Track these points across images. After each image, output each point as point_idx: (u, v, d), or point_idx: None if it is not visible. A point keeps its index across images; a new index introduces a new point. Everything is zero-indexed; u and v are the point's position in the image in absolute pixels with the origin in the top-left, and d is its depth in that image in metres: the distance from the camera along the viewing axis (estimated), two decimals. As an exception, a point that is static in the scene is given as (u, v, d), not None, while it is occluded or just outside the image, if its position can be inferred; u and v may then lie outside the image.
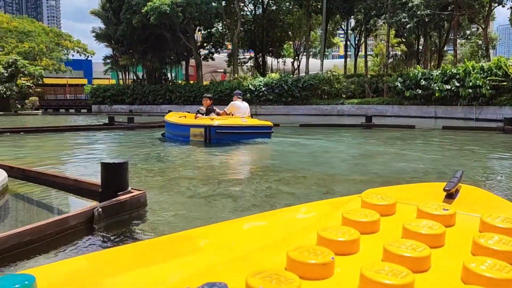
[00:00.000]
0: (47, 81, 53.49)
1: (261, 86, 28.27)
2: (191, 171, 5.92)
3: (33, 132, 12.10)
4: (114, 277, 0.80)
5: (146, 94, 33.96)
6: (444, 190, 1.09)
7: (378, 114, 23.05)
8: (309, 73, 30.50)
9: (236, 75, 31.87)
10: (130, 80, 38.29)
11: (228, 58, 41.60)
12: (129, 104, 34.23)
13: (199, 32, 40.32)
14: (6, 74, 31.29)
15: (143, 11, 28.12)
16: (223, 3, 35.07)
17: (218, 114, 9.79)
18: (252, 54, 43.64)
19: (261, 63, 40.65)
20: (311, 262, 0.67)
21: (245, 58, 46.58)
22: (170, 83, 35.97)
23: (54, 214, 3.85)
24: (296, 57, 41.40)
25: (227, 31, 37.63)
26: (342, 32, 40.18)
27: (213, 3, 31.04)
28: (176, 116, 10.84)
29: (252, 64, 43.81)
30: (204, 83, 33.65)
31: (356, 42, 35.97)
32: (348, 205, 1.04)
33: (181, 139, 9.50)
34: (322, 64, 31.10)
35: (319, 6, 32.11)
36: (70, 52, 59.59)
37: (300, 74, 33.82)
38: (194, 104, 31.50)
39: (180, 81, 38.61)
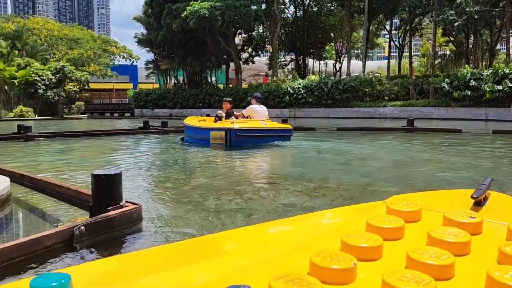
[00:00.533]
0: (94, 86, 55.34)
1: (300, 89, 27.71)
2: (206, 179, 5.52)
3: (68, 137, 12.19)
4: (144, 277, 0.82)
5: (186, 98, 34.20)
6: (472, 197, 1.06)
7: (423, 117, 21.93)
8: (351, 74, 29.65)
9: (275, 77, 31.44)
10: (171, 85, 38.73)
11: (269, 61, 41.28)
12: (170, 108, 34.62)
13: (240, 36, 40.32)
14: (54, 80, 32.40)
15: (182, 15, 28.30)
16: (263, 6, 34.92)
17: (236, 117, 9.69)
18: (293, 57, 43.09)
19: (301, 65, 40.04)
20: (333, 268, 0.68)
21: (286, 60, 46.17)
22: (210, 87, 36.06)
23: (51, 227, 3.56)
24: (338, 59, 40.49)
25: (267, 34, 37.32)
26: (387, 32, 38.90)
27: (252, 6, 30.85)
28: (195, 120, 10.87)
29: (293, 67, 43.31)
30: (244, 86, 33.45)
31: (401, 42, 34.62)
32: (372, 211, 1.03)
33: (201, 142, 9.47)
34: (364, 66, 30.10)
35: (361, 6, 31.15)
36: (116, 57, 61.55)
37: (342, 76, 32.97)
38: (233, 107, 31.39)
39: (220, 85, 38.66)
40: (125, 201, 3.28)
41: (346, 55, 35.16)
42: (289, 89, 27.98)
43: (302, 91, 27.59)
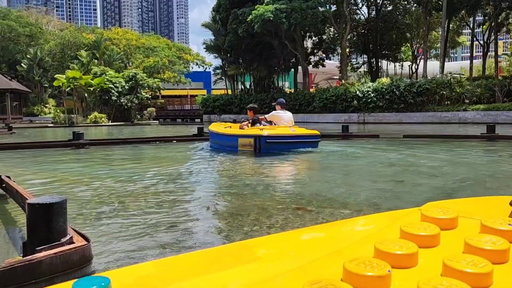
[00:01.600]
0: (170, 92, 57.19)
1: (370, 92, 26.08)
2: (221, 198, 4.69)
3: (117, 144, 12.07)
4: (179, 282, 0.83)
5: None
6: (510, 204, 1.05)
7: (511, 122, 19.46)
8: (428, 76, 27.41)
9: (343, 81, 30.01)
10: (238, 90, 38.67)
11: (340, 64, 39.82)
12: (236, 114, 34.46)
13: (309, 39, 39.34)
14: (127, 87, 33.61)
15: (248, 20, 27.95)
16: (333, 7, 33.65)
17: (260, 123, 9.53)
18: (366, 59, 41.19)
19: (374, 68, 38.09)
20: (367, 274, 0.68)
21: (358, 63, 44.37)
22: (277, 92, 35.41)
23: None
24: (414, 60, 37.97)
25: (338, 36, 35.95)
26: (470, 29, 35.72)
27: (320, 8, 29.75)
28: (221, 126, 10.91)
29: (366, 69, 41.44)
30: (311, 90, 32.37)
31: (485, 40, 31.49)
32: (406, 218, 1.03)
33: (228, 149, 9.42)
34: (442, 66, 27.71)
35: (440, 3, 28.78)
36: (190, 64, 63.24)
37: (418, 78, 30.71)
38: (299, 112, 30.49)
39: (288, 89, 37.90)
40: (70, 237, 2.57)
41: (423, 56, 32.76)
42: (357, 92, 26.48)
43: (372, 95, 25.95)
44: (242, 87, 38.31)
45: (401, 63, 41.14)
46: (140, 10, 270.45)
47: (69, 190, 5.09)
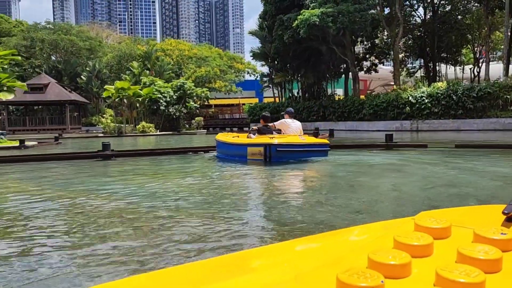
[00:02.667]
0: (221, 101, 57.54)
1: (424, 98, 24.28)
2: (220, 221, 3.88)
3: (146, 155, 11.65)
4: None
5: (300, 111, 32.90)
6: (503, 213, 1.05)
7: None
8: (491, 80, 25.17)
9: (394, 86, 28.32)
10: (285, 98, 37.85)
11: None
12: (283, 122, 33.65)
13: (361, 44, 37.88)
14: (175, 97, 33.88)
15: (293, 25, 27.15)
16: (386, 10, 32.09)
17: (268, 131, 9.41)
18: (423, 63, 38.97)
19: (431, 72, 35.87)
20: (360, 285, 0.68)
21: (414, 67, 42.16)
22: (326, 98, 34.21)
23: None
24: (477, 63, 35.31)
25: (390, 40, 34.26)
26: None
27: (371, 10, 28.37)
28: (229, 136, 10.83)
29: (422, 74, 39.23)
30: (361, 97, 30.89)
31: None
32: (400, 228, 1.04)
33: (236, 158, 9.31)
34: (506, 69, 25.34)
35: (503, 1, 26.47)
36: (242, 73, 63.38)
37: (480, 82, 28.39)
38: (348, 120, 29.12)
39: (337, 96, 36.56)
40: None
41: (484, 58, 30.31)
42: (410, 98, 24.76)
43: (426, 100, 24.14)
44: (290, 94, 37.46)
45: (462, 66, 38.50)
46: (197, 21, 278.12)
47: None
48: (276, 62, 34.89)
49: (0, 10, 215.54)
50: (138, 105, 34.67)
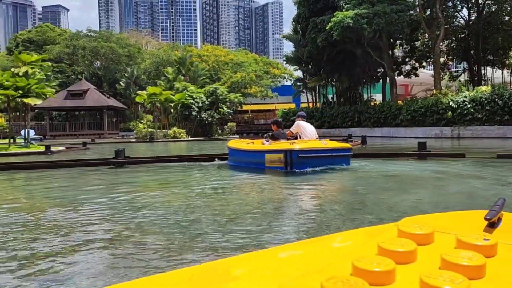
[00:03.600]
0: (257, 107, 57.03)
1: (466, 103, 22.69)
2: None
3: (158, 162, 11.15)
4: None
5: (334, 117, 31.81)
6: (485, 218, 1.05)
7: None
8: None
9: (434, 90, 26.75)
10: (319, 103, 36.82)
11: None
12: (317, 128, 32.46)
13: (400, 47, 36.39)
14: (207, 102, 33.64)
15: (327, 28, 26.21)
16: (427, 11, 30.56)
17: (283, 137, 8.90)
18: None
19: (476, 75, 33.89)
20: None
21: (458, 71, 40.12)
22: (362, 104, 32.92)
23: None
24: (528, 65, 33.08)
25: (430, 43, 32.64)
26: None
27: (410, 11, 26.99)
28: (243, 143, 10.24)
29: (467, 78, 37.19)
30: (399, 102, 29.44)
31: None
32: (384, 234, 1.03)
33: (252, 166, 8.59)
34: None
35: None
36: (278, 78, 62.68)
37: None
38: (384, 126, 27.80)
39: (374, 102, 35.13)
40: None
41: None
42: (451, 103, 23.22)
43: (469, 105, 22.55)
44: (325, 99, 36.40)
45: (510, 69, 36.20)
46: (237, 28, 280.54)
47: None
48: (309, 67, 33.97)
49: (51, 20, 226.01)
50: (172, 110, 34.74)
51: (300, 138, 9.06)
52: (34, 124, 46.48)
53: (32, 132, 35.05)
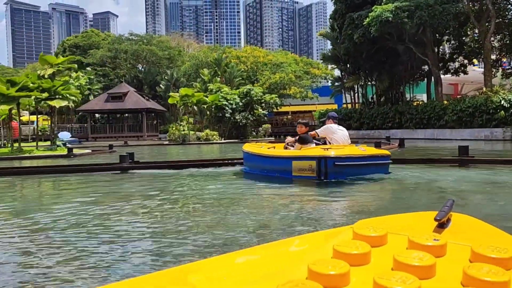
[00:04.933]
0: (297, 108, 55.72)
1: (520, 102, 20.53)
2: None
3: (165, 168, 10.30)
4: None
5: (373, 118, 30.07)
6: (435, 219, 1.07)
7: None
8: None
9: (484, 89, 24.52)
10: (358, 104, 35.07)
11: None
12: (356, 129, 30.96)
13: (447, 42, 34.02)
14: (241, 104, 32.84)
15: (364, 23, 24.66)
16: (477, 3, 28.25)
17: (311, 141, 7.72)
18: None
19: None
20: None
21: (510, 68, 37.12)
22: (402, 103, 30.93)
23: None
24: None
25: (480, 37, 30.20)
26: None
27: (458, 3, 24.90)
28: (263, 147, 9.01)
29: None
30: (444, 102, 27.32)
31: None
32: (339, 237, 1.05)
33: (276, 175, 7.50)
34: None
35: None
36: (317, 79, 61.08)
37: None
38: (428, 127, 25.84)
39: (417, 102, 32.99)
40: None
41: None
42: (503, 102, 21.07)
43: (523, 105, 20.37)
44: (364, 99, 34.64)
45: None
46: (280, 29, 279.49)
47: None
48: (347, 65, 32.36)
49: (101, 26, 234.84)
50: (208, 112, 34.22)
51: (329, 143, 7.86)
52: (78, 126, 47.63)
53: (68, 135, 35.66)
